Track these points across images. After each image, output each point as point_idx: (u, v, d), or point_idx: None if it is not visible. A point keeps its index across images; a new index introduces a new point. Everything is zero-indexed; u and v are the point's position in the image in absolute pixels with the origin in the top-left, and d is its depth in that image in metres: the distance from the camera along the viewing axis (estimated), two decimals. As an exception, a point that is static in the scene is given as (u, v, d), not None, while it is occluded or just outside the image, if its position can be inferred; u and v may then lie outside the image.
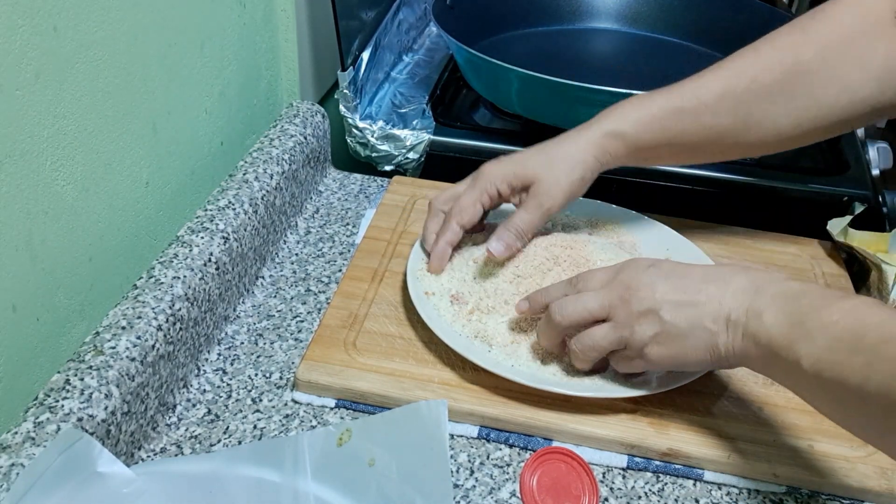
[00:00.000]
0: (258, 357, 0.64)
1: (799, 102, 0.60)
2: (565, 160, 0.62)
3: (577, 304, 0.54)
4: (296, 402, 0.60)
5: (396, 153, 0.89)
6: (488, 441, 0.58)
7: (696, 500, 0.54)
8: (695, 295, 0.50)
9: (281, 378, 0.62)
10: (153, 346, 0.55)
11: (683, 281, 0.51)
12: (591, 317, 0.54)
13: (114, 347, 0.53)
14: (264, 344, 0.65)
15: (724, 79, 0.61)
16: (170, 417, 0.58)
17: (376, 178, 0.88)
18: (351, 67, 0.85)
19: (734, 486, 0.55)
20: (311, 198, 0.85)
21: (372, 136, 0.89)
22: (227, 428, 0.58)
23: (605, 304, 0.53)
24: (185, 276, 0.60)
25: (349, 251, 0.77)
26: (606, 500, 0.54)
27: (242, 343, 0.65)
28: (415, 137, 0.89)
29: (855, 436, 0.45)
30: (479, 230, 0.69)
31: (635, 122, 0.62)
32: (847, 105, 0.60)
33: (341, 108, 0.88)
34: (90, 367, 0.51)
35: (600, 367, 0.58)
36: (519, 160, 0.64)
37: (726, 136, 0.62)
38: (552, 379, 0.58)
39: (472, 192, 0.64)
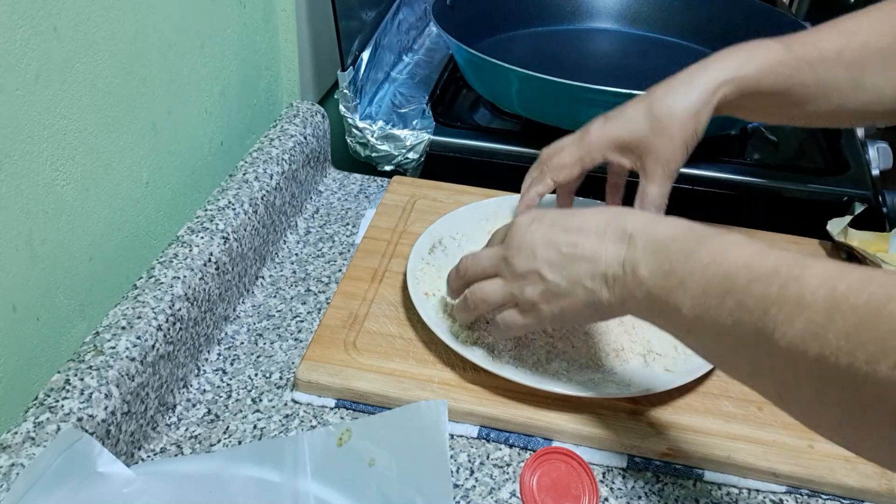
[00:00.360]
0: (258, 357, 0.64)
1: None
2: (675, 117, 0.59)
3: (474, 261, 0.57)
4: (296, 402, 0.60)
5: (396, 153, 0.89)
6: (488, 441, 0.58)
7: (696, 500, 0.54)
8: (571, 252, 0.51)
9: (281, 378, 0.62)
10: (153, 346, 0.55)
11: (562, 237, 0.52)
12: (483, 273, 0.56)
13: (114, 347, 0.53)
14: (264, 344, 0.65)
15: (840, 36, 0.60)
16: (170, 417, 0.58)
17: (376, 178, 0.88)
18: (351, 67, 0.85)
19: (734, 486, 0.55)
20: (311, 198, 0.85)
21: (372, 136, 0.89)
22: (227, 428, 0.58)
23: (494, 262, 0.55)
24: (184, 276, 0.60)
25: (349, 251, 0.77)
26: (606, 500, 0.54)
27: (242, 343, 0.65)
28: (415, 137, 0.89)
29: (733, 378, 0.44)
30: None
31: (759, 66, 0.59)
32: None
33: (341, 108, 0.88)
34: (90, 367, 0.51)
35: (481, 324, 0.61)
36: (625, 123, 0.61)
37: (835, 95, 0.61)
38: (552, 379, 0.58)
39: (574, 152, 0.63)
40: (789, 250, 0.41)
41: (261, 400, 0.60)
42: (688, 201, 0.84)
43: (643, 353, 0.61)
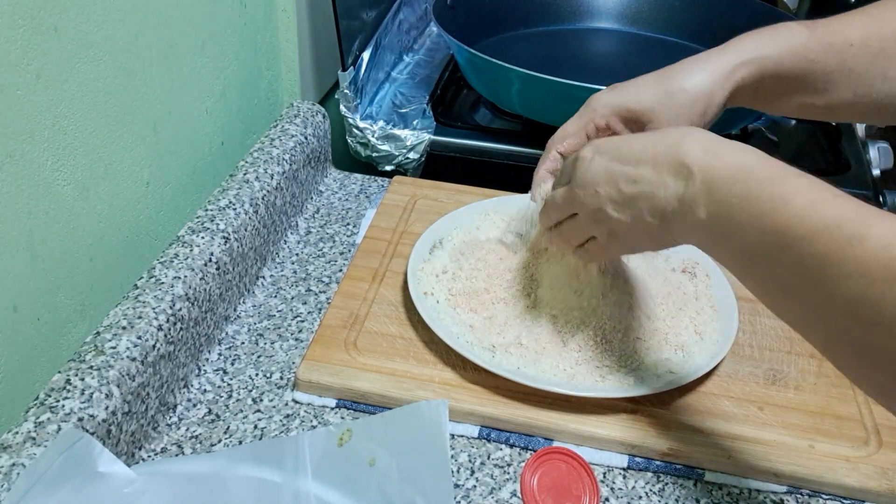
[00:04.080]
0: (259, 357, 0.64)
1: None
2: (686, 93, 0.56)
3: (552, 203, 0.57)
4: (296, 401, 0.60)
5: (397, 153, 0.89)
6: (489, 441, 0.58)
7: (697, 500, 0.54)
8: (630, 190, 0.50)
9: (281, 378, 0.62)
10: (154, 346, 0.55)
11: (621, 172, 0.50)
12: (561, 216, 0.56)
13: (114, 347, 0.53)
14: (265, 344, 0.65)
15: (868, 22, 0.58)
16: (170, 417, 0.58)
17: (377, 178, 0.88)
18: (351, 67, 0.85)
19: (734, 486, 0.55)
20: (312, 198, 0.85)
21: (372, 136, 0.89)
22: (228, 428, 0.58)
23: (567, 205, 0.55)
24: (185, 276, 0.60)
25: (350, 251, 0.77)
26: (607, 500, 0.54)
27: (243, 343, 0.65)
28: (415, 137, 0.89)
29: (782, 321, 0.44)
30: None
31: (781, 47, 0.57)
32: None
33: (342, 108, 0.88)
34: (91, 367, 0.51)
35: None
36: (633, 91, 0.59)
37: (859, 84, 0.58)
38: (552, 379, 0.58)
39: (578, 121, 0.61)
40: (853, 198, 0.40)
41: (261, 400, 0.60)
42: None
43: (643, 353, 0.61)
